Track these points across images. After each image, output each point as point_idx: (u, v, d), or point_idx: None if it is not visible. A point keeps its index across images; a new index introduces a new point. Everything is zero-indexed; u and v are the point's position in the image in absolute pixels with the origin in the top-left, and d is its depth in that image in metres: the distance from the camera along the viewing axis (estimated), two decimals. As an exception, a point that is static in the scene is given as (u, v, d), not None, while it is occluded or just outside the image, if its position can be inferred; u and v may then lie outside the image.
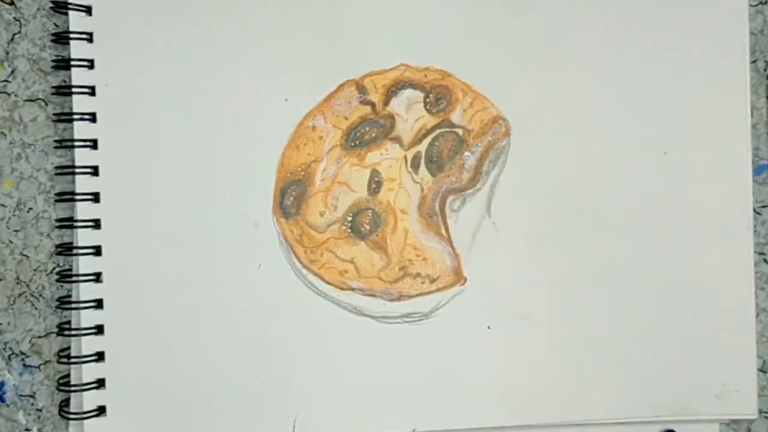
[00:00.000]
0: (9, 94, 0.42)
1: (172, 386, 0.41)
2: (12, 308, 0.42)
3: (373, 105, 0.42)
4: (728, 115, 0.42)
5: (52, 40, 0.42)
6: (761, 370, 0.43)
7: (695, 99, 0.42)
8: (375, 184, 0.42)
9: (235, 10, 0.41)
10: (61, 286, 0.42)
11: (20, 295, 0.42)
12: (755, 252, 0.43)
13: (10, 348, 0.42)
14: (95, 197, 0.41)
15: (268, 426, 0.41)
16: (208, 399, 0.41)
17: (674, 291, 0.42)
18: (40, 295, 0.42)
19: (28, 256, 0.42)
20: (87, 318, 0.41)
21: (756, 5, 0.43)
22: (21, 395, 0.42)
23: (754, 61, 0.43)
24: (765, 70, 0.44)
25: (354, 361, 0.41)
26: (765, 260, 0.44)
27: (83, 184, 0.41)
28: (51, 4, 0.42)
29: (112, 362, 0.41)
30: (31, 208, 0.42)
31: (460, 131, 0.42)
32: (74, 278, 0.41)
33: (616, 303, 0.42)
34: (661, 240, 0.42)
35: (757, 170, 0.44)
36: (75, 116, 0.41)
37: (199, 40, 0.41)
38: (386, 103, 0.42)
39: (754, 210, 0.43)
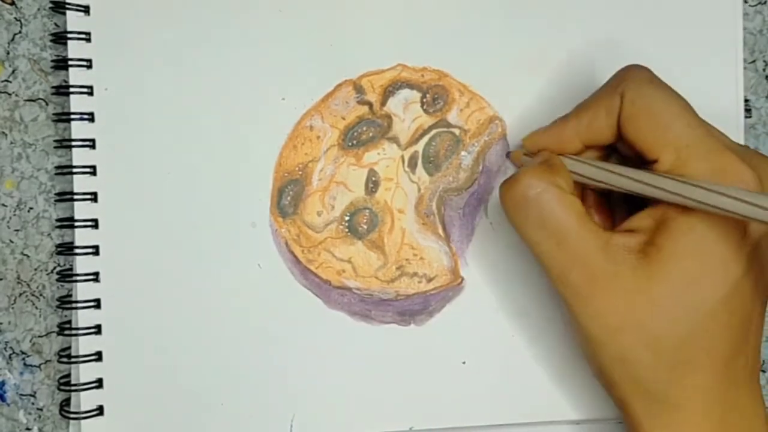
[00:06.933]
0: (9, 94, 0.42)
1: (170, 386, 0.41)
2: (13, 308, 0.42)
3: (370, 105, 0.42)
4: (726, 115, 0.42)
5: (51, 40, 0.42)
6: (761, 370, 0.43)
7: (692, 99, 0.42)
8: (372, 183, 0.42)
9: (232, 10, 0.41)
10: (62, 285, 0.42)
11: (21, 294, 0.42)
12: (755, 251, 0.43)
13: (11, 347, 0.42)
14: (93, 197, 0.41)
15: (265, 425, 0.41)
16: (205, 398, 0.41)
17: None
18: (41, 295, 0.42)
19: (28, 256, 0.42)
20: (85, 318, 0.41)
21: (755, 5, 0.43)
22: (22, 394, 0.42)
23: (753, 61, 0.43)
24: (764, 70, 0.43)
25: (351, 359, 0.41)
26: (765, 259, 0.43)
27: (81, 183, 0.41)
28: (51, 4, 0.42)
29: (109, 362, 0.41)
30: (31, 208, 0.42)
31: (456, 131, 0.42)
32: (74, 278, 0.41)
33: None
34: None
35: (757, 170, 0.43)
36: (73, 116, 0.41)
37: (196, 40, 0.41)
38: (383, 103, 0.42)
39: (754, 209, 0.43)
